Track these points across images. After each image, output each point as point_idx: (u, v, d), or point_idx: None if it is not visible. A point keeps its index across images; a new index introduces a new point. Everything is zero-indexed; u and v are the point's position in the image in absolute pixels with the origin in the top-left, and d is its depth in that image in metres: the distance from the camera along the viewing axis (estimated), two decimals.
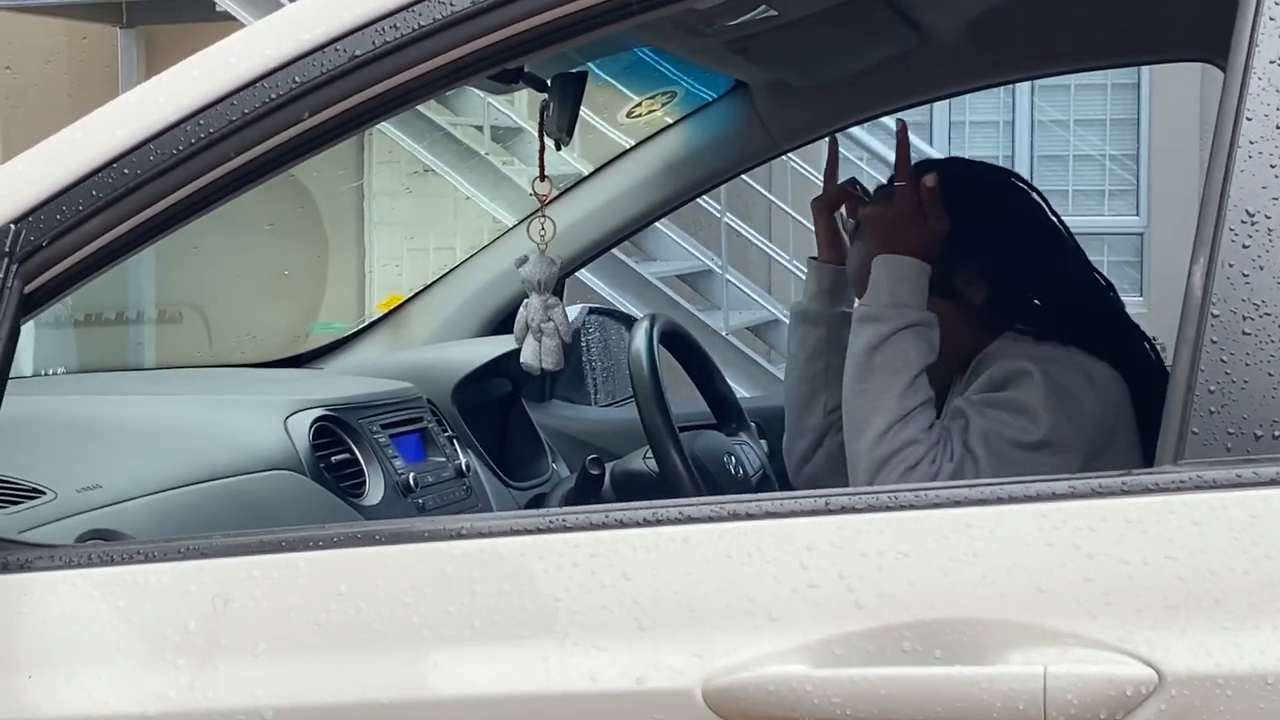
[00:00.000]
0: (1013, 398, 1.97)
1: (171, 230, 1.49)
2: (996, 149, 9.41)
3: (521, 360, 2.15)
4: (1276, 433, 1.20)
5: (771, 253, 7.97)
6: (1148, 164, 9.22)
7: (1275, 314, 1.21)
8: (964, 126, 9.42)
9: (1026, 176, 2.29)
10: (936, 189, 2.08)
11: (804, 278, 2.27)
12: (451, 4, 1.42)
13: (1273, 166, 1.24)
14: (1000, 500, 1.25)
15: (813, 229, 2.34)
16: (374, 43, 1.43)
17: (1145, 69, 8.96)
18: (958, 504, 1.25)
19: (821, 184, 2.32)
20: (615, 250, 6.71)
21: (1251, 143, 1.24)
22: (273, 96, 1.43)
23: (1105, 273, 2.25)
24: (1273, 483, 1.19)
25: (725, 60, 2.36)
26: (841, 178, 2.30)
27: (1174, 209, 8.72)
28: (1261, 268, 1.22)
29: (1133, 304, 2.15)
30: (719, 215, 7.56)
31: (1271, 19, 1.25)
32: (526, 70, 2.04)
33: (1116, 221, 9.29)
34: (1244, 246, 1.23)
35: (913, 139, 6.69)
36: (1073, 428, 1.95)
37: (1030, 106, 9.39)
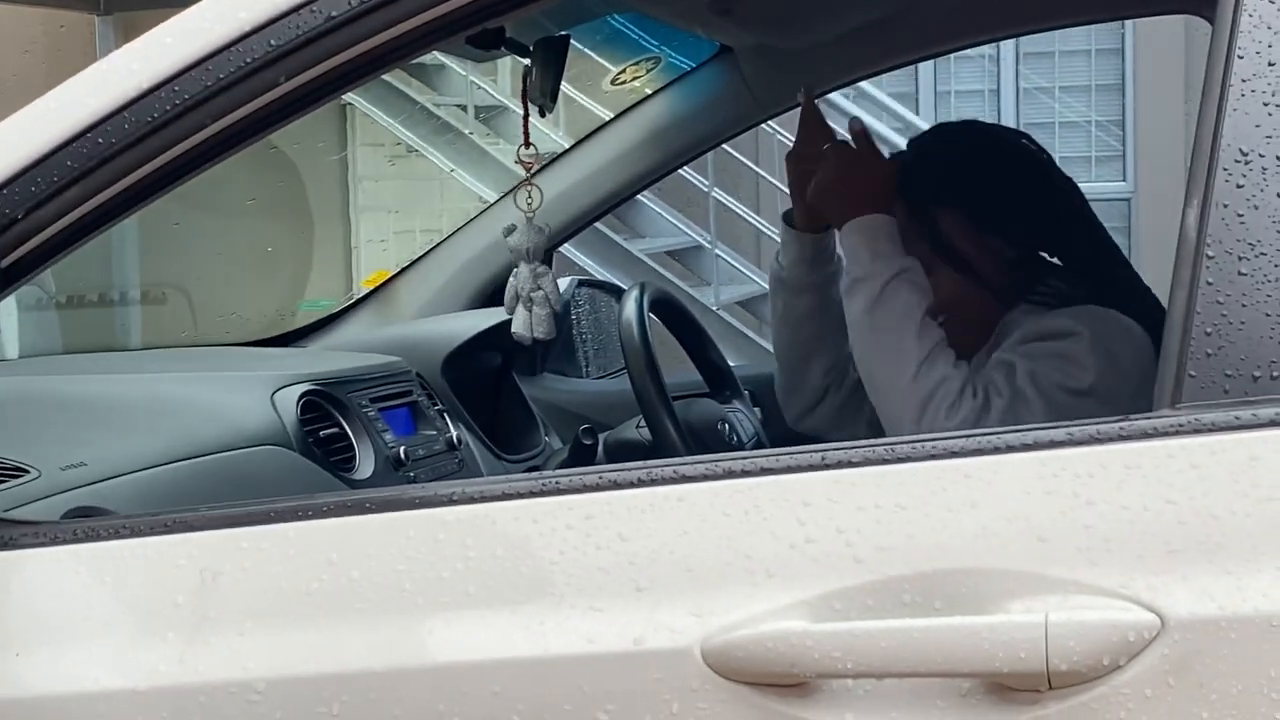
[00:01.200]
0: (1060, 347, 1.97)
1: (149, 201, 1.47)
2: (982, 117, 9.38)
3: (513, 330, 2.13)
4: (1275, 373, 1.18)
5: (760, 226, 7.95)
6: (1134, 130, 9.20)
7: (1271, 254, 1.19)
8: (950, 95, 9.40)
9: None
10: (863, 132, 2.12)
11: (779, 239, 2.24)
12: None
13: (1265, 104, 1.22)
14: (998, 449, 1.23)
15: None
16: (350, 3, 1.41)
17: (1129, 34, 8.95)
18: (955, 455, 1.24)
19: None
20: (603, 227, 6.74)
21: (1244, 80, 1.22)
22: (248, 61, 1.41)
23: None
24: (1272, 424, 1.17)
25: (709, 23, 2.35)
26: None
27: (1160, 174, 8.71)
28: (1257, 207, 1.20)
29: None
30: (707, 190, 7.53)
31: None
32: (508, 36, 2.02)
33: (1103, 188, 9.27)
34: (1238, 186, 1.21)
35: (900, 109, 6.63)
36: (1117, 379, 1.94)
37: (1015, 74, 9.37)
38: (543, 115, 2.13)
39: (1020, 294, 2.09)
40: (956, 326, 2.04)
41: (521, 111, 2.14)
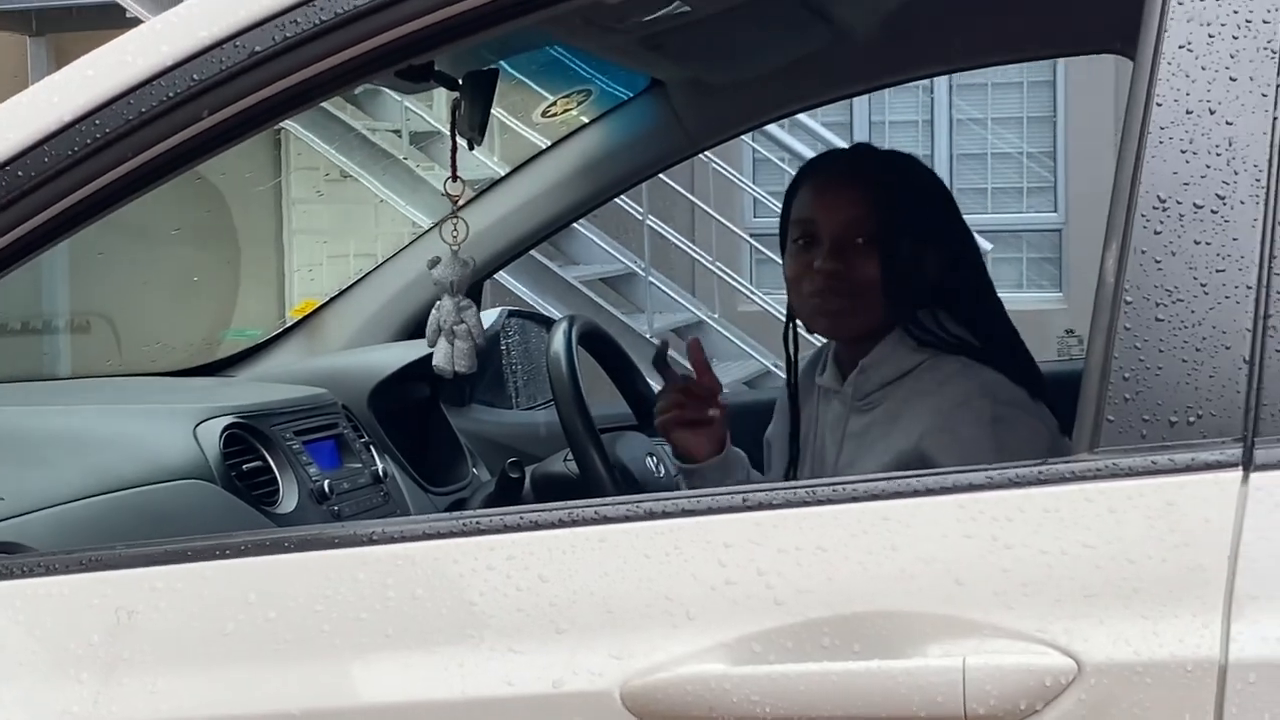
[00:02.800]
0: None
1: (69, 234, 1.45)
2: (916, 147, 9.46)
3: (434, 363, 2.12)
4: (1191, 419, 1.19)
5: (694, 254, 7.97)
6: (1065, 161, 9.30)
7: (1188, 300, 1.21)
8: (884, 126, 9.47)
9: (948, 179, 2.34)
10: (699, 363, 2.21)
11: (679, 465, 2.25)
12: None
13: (1183, 152, 1.23)
14: (917, 492, 1.23)
15: (734, 232, 2.33)
16: (274, 38, 1.40)
17: (1061, 67, 9.05)
18: (874, 497, 1.24)
19: (743, 187, 2.31)
20: (537, 254, 6.74)
21: (1162, 128, 1.24)
22: (170, 95, 1.40)
23: (1025, 270, 2.28)
24: (1188, 469, 1.18)
25: (640, 57, 2.35)
26: (761, 178, 2.31)
27: (1091, 206, 8.80)
28: (1174, 254, 1.21)
29: (1051, 299, 2.18)
30: (641, 218, 7.55)
31: (1179, 4, 1.25)
32: (437, 68, 2.01)
33: (1035, 218, 9.37)
34: (1156, 233, 1.22)
35: (834, 139, 6.68)
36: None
37: (949, 105, 9.45)
38: (471, 148, 2.13)
39: (900, 315, 2.13)
40: (848, 305, 2.12)
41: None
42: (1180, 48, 1.25)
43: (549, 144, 2.77)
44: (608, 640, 1.23)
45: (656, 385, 2.31)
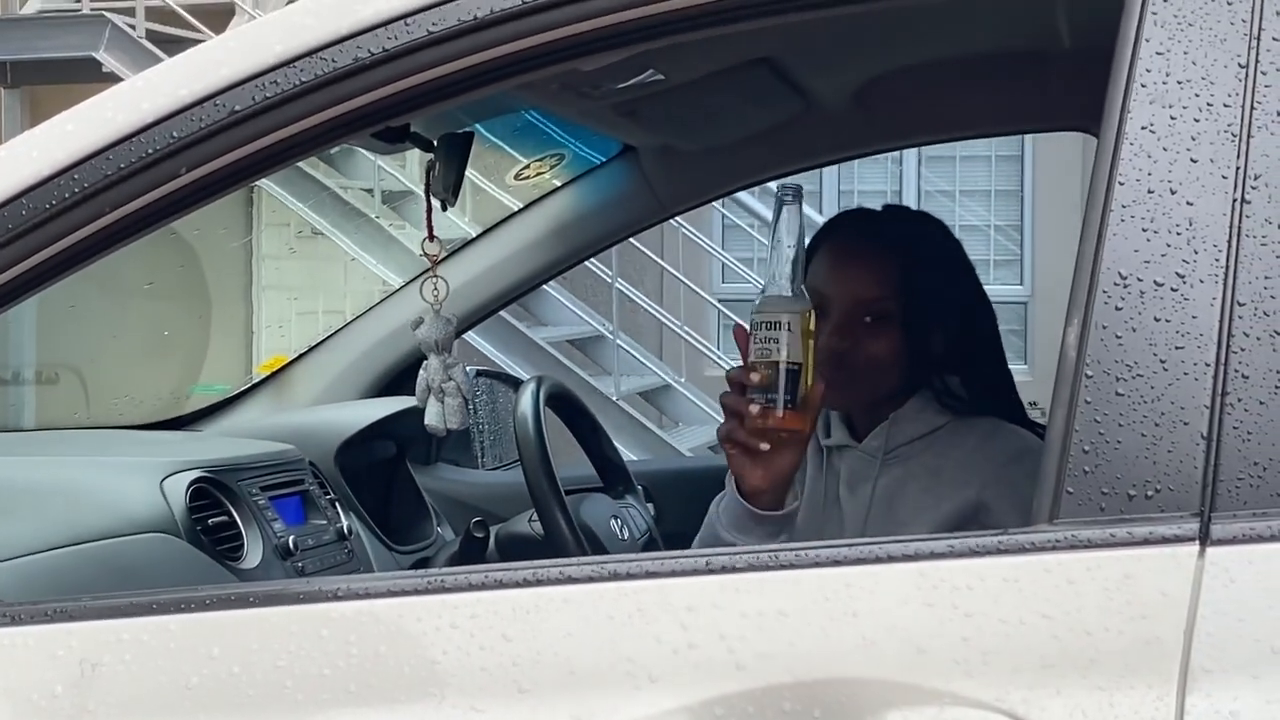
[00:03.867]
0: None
1: (45, 287, 1.46)
2: None
3: (426, 423, 2.12)
4: (1149, 493, 1.21)
5: (662, 318, 8.00)
6: (1031, 234, 9.37)
7: (1147, 375, 1.23)
8: (853, 195, 9.54)
9: None
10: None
11: (727, 514, 2.00)
12: (333, 60, 1.42)
13: (1144, 230, 1.25)
14: (879, 559, 1.25)
15: (702, 297, 2.34)
16: (254, 98, 1.42)
17: (1029, 142, 9.14)
18: (837, 563, 1.25)
19: (712, 252, 2.34)
20: (506, 315, 6.76)
21: (1124, 206, 1.26)
22: (149, 151, 1.42)
23: None
24: (1145, 542, 1.20)
25: (613, 123, 2.37)
26: (730, 244, 2.33)
27: (1057, 279, 8.87)
28: (1134, 329, 1.24)
29: (1017, 371, 2.20)
30: (610, 280, 7.58)
31: (1143, 85, 1.28)
32: (412, 130, 2.03)
33: (1001, 290, 9.42)
34: (1117, 308, 1.24)
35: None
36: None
37: (917, 176, 9.53)
38: (444, 209, 2.14)
39: (921, 380, 2.13)
40: (858, 379, 2.09)
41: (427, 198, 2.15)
42: (1143, 128, 1.27)
43: (522, 206, 2.79)
44: (570, 701, 1.24)
45: (627, 448, 2.31)
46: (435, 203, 2.13)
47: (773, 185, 7.64)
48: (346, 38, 1.42)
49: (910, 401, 2.13)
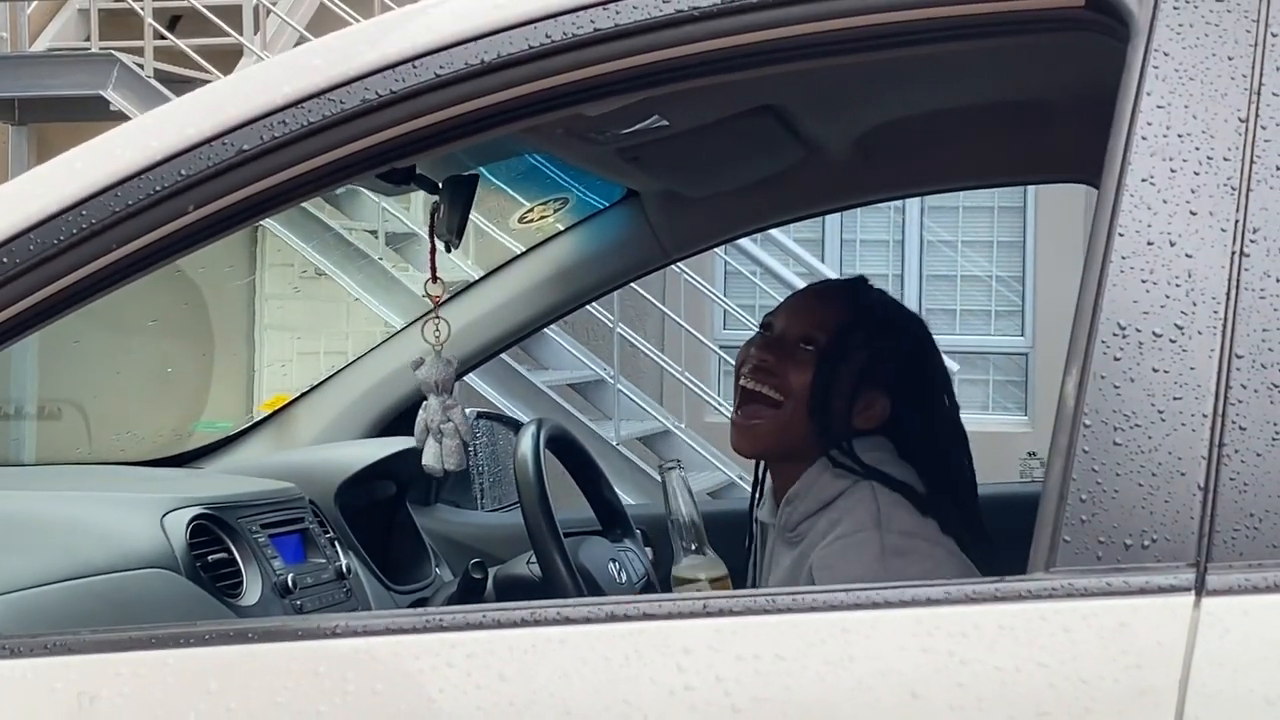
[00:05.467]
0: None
1: (51, 321, 1.47)
2: (886, 267, 9.55)
3: (424, 463, 2.13)
4: (1145, 542, 1.21)
5: (663, 364, 8.00)
6: (1033, 286, 9.39)
7: (1145, 425, 1.23)
8: (855, 244, 9.55)
9: (917, 299, 2.40)
10: None
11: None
12: (341, 102, 1.43)
13: (1143, 281, 1.26)
14: (876, 605, 1.25)
15: (703, 343, 2.39)
16: (261, 138, 1.43)
17: (1031, 193, 9.16)
18: (834, 608, 1.26)
19: (714, 298, 2.40)
20: (507, 357, 6.77)
21: (1124, 258, 1.27)
22: (157, 189, 1.43)
23: (991, 392, 2.32)
24: (1142, 592, 1.20)
25: (617, 168, 2.39)
26: (732, 291, 2.38)
27: (1058, 330, 8.88)
28: (1133, 380, 1.24)
29: (1017, 422, 2.22)
30: (611, 325, 7.59)
31: (1143, 139, 1.29)
32: (418, 171, 2.05)
33: (1002, 341, 9.43)
34: (1115, 359, 1.25)
35: (805, 255, 6.70)
36: None
37: (920, 226, 9.54)
38: (449, 250, 2.16)
39: (830, 441, 2.12)
40: (761, 417, 2.13)
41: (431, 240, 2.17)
42: (1143, 181, 1.28)
43: (525, 249, 2.80)
44: None
45: (626, 492, 2.33)
46: (439, 244, 2.14)
47: (775, 233, 7.55)
48: (355, 79, 1.43)
49: (804, 475, 2.12)
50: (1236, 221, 1.26)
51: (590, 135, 2.03)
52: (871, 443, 2.12)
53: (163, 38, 7.48)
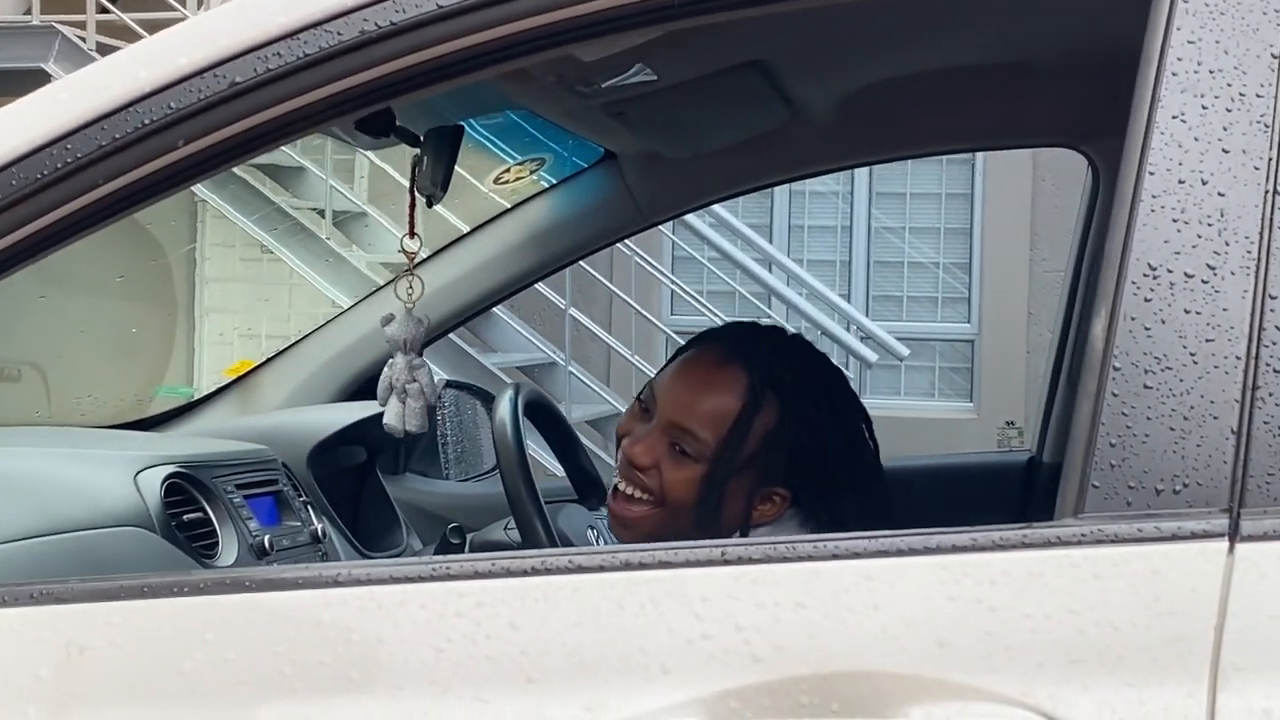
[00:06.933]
0: None
1: (33, 259, 1.41)
2: (834, 253, 9.56)
3: (385, 422, 2.08)
4: (1177, 488, 1.19)
5: (613, 345, 7.97)
6: (979, 273, 9.41)
7: (1176, 368, 1.20)
8: (803, 230, 9.56)
9: (864, 286, 2.25)
10: None
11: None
12: (339, 34, 1.38)
13: (1174, 220, 1.23)
14: (901, 552, 1.22)
15: (653, 324, 2.27)
16: (255, 70, 1.38)
17: (978, 180, 9.19)
18: (857, 555, 1.22)
19: (664, 281, 2.25)
20: (457, 339, 6.70)
21: (1154, 197, 1.24)
22: (146, 122, 1.37)
23: (936, 379, 2.23)
24: (1174, 538, 1.18)
25: (600, 126, 2.35)
26: (681, 273, 2.25)
27: (1004, 317, 8.91)
28: (1163, 321, 1.21)
29: (962, 409, 2.17)
30: (564, 308, 7.55)
31: (1174, 75, 1.26)
32: (398, 124, 1.99)
33: (948, 328, 9.46)
34: (1146, 300, 1.22)
35: (756, 238, 6.68)
36: None
37: (868, 214, 9.56)
38: (430, 205, 2.11)
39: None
40: (639, 519, 1.91)
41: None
42: (1174, 118, 1.25)
43: (501, 211, 2.76)
44: (580, 692, 1.20)
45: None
46: (421, 199, 2.10)
47: (726, 216, 7.58)
48: (353, 9, 1.38)
49: None
50: (1270, 159, 1.24)
51: (578, 87, 1.98)
52: (769, 532, 1.88)
53: (105, 11, 7.36)
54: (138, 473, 2.06)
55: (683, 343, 2.02)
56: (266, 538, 2.22)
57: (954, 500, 2.70)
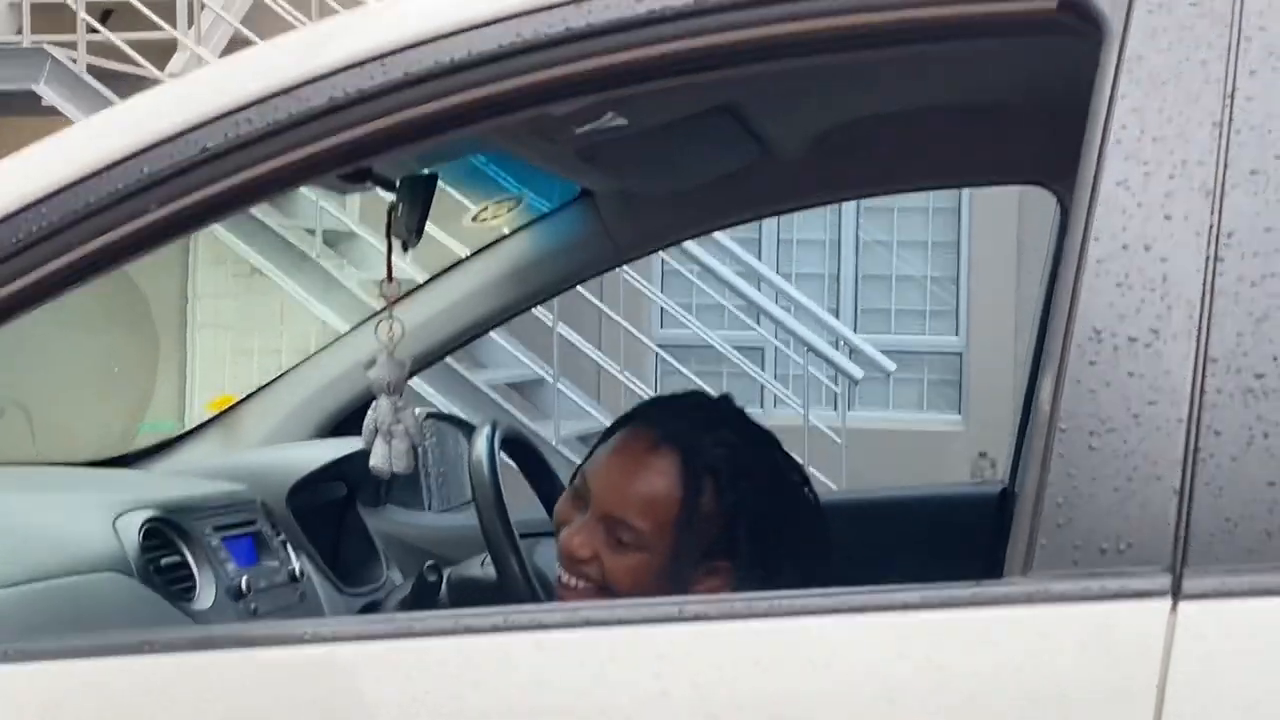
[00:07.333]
0: None
1: (7, 322, 1.44)
2: (822, 267, 9.59)
3: (372, 464, 2.11)
4: (1122, 547, 1.22)
5: (601, 362, 7.99)
6: (967, 286, 9.44)
7: (1121, 430, 1.23)
8: (791, 245, 9.58)
9: (853, 299, 2.27)
10: None
11: None
12: (307, 100, 1.41)
13: (1118, 285, 1.26)
14: (853, 609, 1.25)
15: (642, 341, 2.29)
16: (226, 135, 1.41)
17: (965, 195, 9.21)
18: (811, 613, 1.25)
19: (653, 297, 2.26)
20: (447, 357, 6.72)
21: (1099, 262, 1.27)
22: (119, 187, 1.40)
23: (925, 391, 2.25)
24: (1118, 596, 1.21)
25: (573, 167, 2.38)
26: (670, 289, 2.27)
27: (992, 330, 8.94)
28: (1108, 384, 1.24)
29: (951, 421, 2.20)
30: (551, 325, 7.57)
31: (1118, 142, 1.29)
32: (374, 171, 2.02)
33: (936, 341, 9.49)
34: (1091, 363, 1.25)
35: (743, 254, 6.70)
36: None
37: (856, 227, 9.58)
38: (405, 250, 2.14)
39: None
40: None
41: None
42: (1117, 184, 1.28)
43: (477, 249, 2.78)
44: None
45: None
46: (396, 244, 2.12)
47: (719, 236, 7.57)
48: (322, 77, 1.42)
49: None
50: (1211, 226, 1.26)
51: (549, 133, 2.01)
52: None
53: (95, 31, 7.38)
54: (116, 517, 2.08)
55: (670, 359, 2.04)
56: (244, 579, 2.25)
57: (927, 534, 2.73)
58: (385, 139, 1.44)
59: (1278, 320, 1.23)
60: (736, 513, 1.87)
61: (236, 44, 7.75)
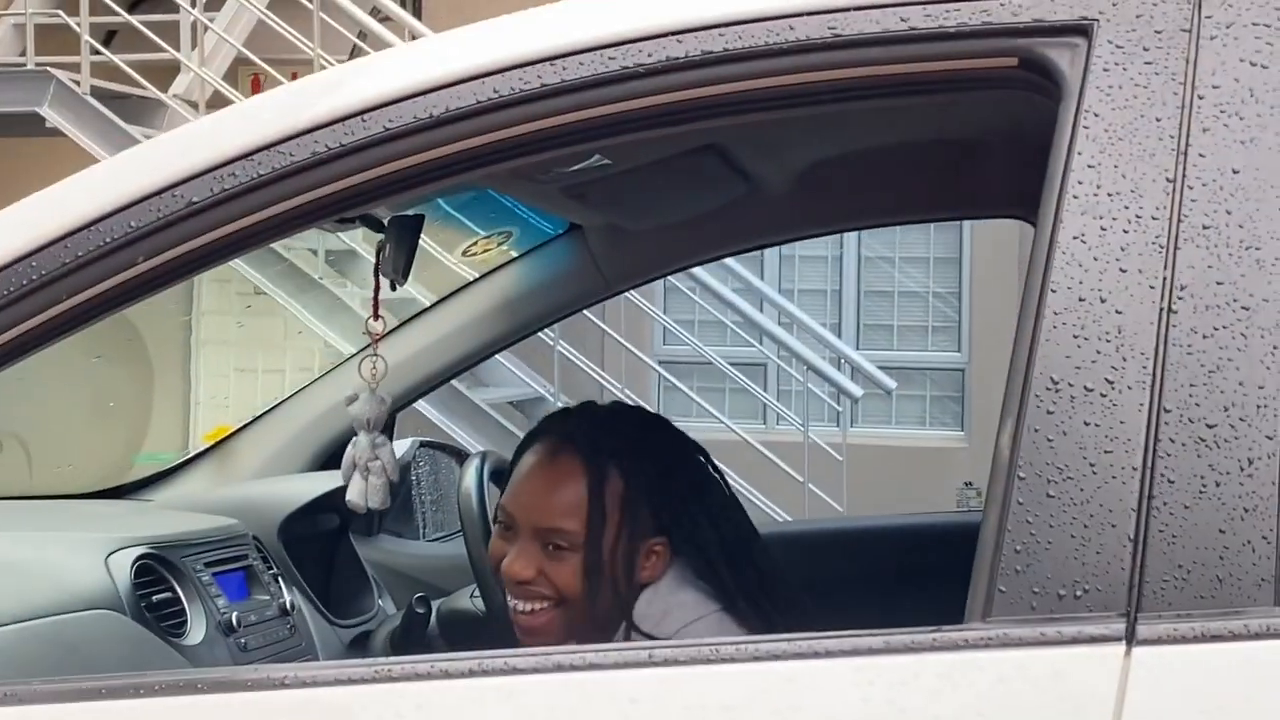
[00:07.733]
0: None
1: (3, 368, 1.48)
2: (825, 283, 9.61)
3: (347, 499, 2.15)
4: (1078, 593, 1.24)
5: (603, 380, 8.02)
6: (969, 302, 9.46)
7: (1077, 478, 1.26)
8: (794, 260, 9.60)
9: (855, 314, 2.33)
10: None
11: None
12: (291, 154, 1.45)
13: (1075, 336, 1.30)
14: (818, 654, 1.28)
15: (642, 360, 2.34)
16: (212, 190, 1.45)
17: None
18: (777, 658, 1.28)
19: (654, 315, 2.32)
20: (438, 389, 6.70)
21: (1056, 314, 1.30)
22: (107, 240, 1.44)
23: (928, 407, 2.29)
24: (1074, 641, 1.23)
25: (560, 204, 2.41)
26: (671, 307, 2.31)
27: (994, 346, 8.96)
28: (1065, 433, 1.27)
29: (954, 437, 2.23)
30: (552, 343, 7.60)
31: (1075, 197, 1.32)
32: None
33: (939, 357, 9.50)
34: (1048, 412, 1.28)
35: (743, 271, 6.68)
36: None
37: (858, 243, 9.60)
38: (394, 289, 2.17)
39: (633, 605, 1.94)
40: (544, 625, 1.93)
41: (370, 258, 2.17)
42: (1074, 238, 1.32)
43: (466, 282, 2.82)
44: None
45: None
46: (384, 282, 2.16)
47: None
48: (304, 132, 1.45)
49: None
50: (1164, 279, 1.29)
51: (534, 175, 2.05)
52: (669, 584, 1.94)
53: (99, 53, 7.42)
54: (108, 555, 2.12)
55: (671, 377, 2.09)
56: (234, 614, 2.28)
57: (913, 563, 2.75)
58: (367, 191, 1.48)
59: (1229, 372, 1.26)
60: (650, 490, 1.96)
61: (239, 65, 7.80)
